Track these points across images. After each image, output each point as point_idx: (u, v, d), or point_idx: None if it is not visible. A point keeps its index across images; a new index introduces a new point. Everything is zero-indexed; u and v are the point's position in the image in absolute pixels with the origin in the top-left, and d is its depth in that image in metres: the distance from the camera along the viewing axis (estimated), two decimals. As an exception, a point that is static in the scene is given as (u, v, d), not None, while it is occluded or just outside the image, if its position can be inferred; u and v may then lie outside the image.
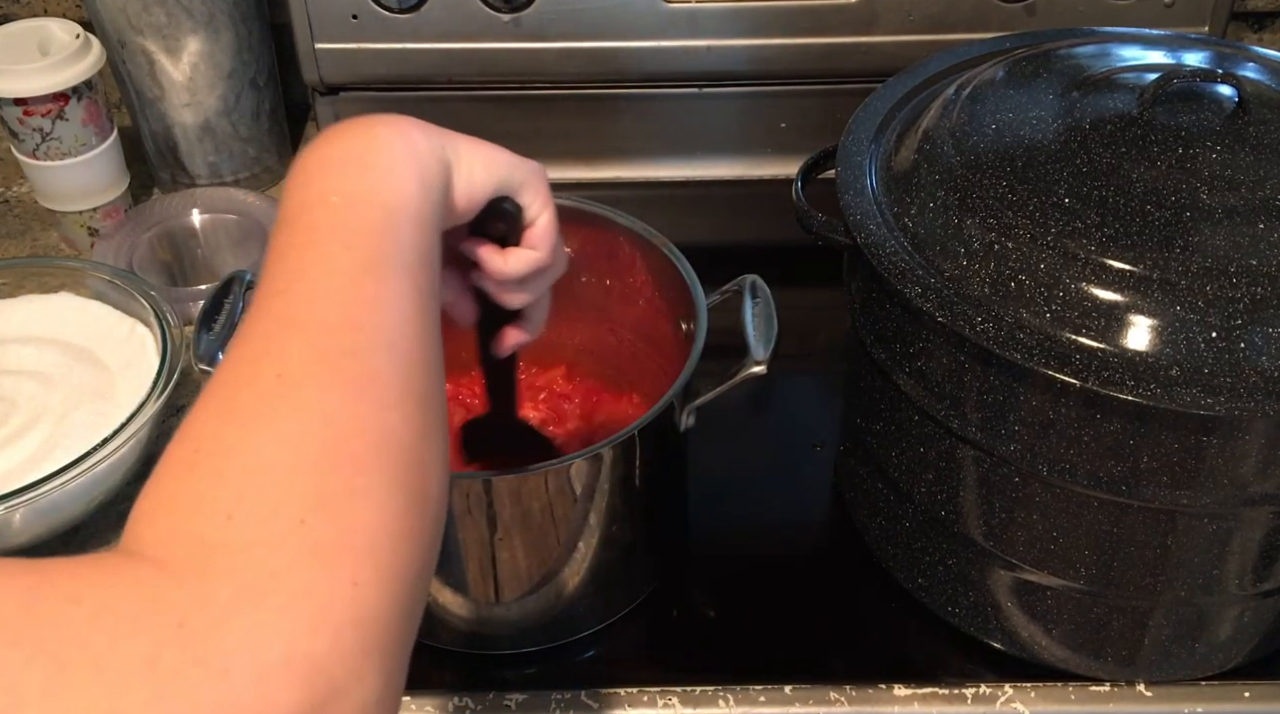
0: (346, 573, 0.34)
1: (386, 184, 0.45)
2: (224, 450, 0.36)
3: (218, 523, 0.34)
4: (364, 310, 0.41)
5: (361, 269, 0.42)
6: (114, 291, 0.86)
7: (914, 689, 0.69)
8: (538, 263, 0.56)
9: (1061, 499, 0.63)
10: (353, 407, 0.38)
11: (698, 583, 0.78)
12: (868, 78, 0.87)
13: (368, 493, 0.36)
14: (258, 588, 0.33)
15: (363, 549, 0.35)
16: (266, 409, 0.37)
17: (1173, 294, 0.58)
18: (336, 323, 0.40)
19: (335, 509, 0.35)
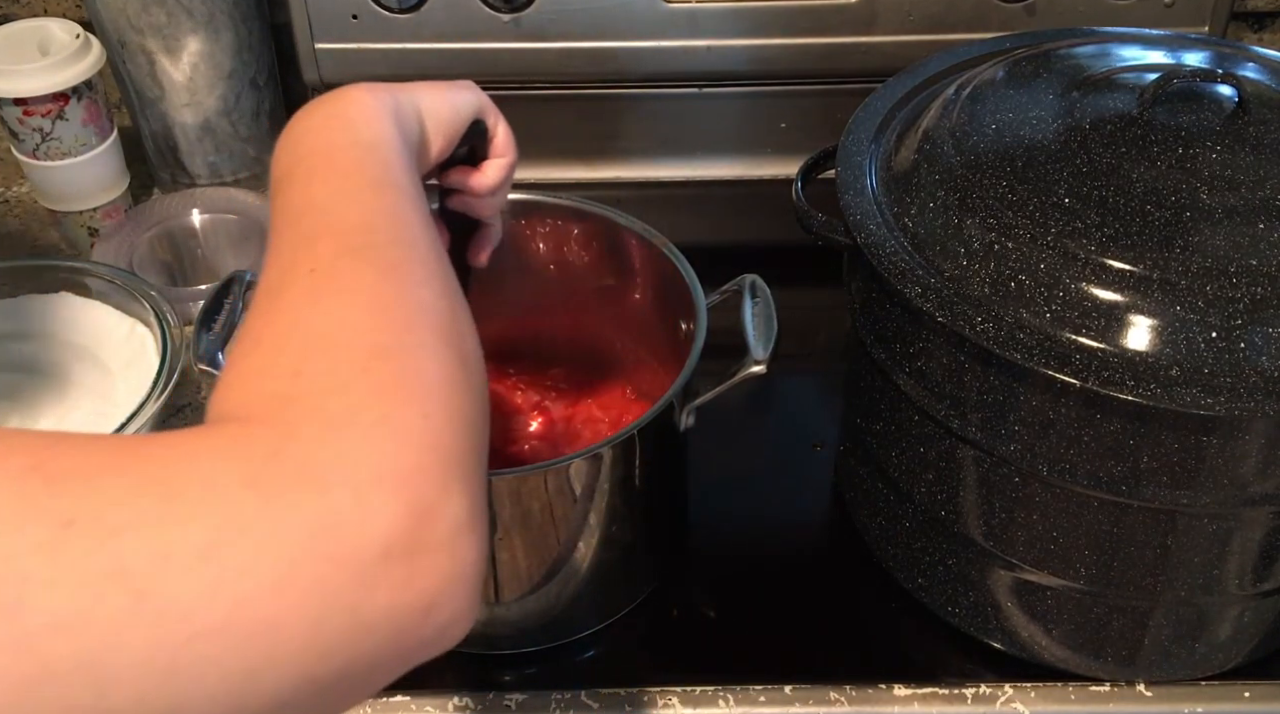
0: (416, 407, 0.36)
1: (367, 128, 0.50)
2: (279, 332, 0.39)
3: (286, 381, 0.37)
4: (374, 216, 0.45)
5: (363, 187, 0.46)
6: (114, 291, 0.87)
7: (914, 689, 0.69)
8: (509, 166, 0.63)
9: (1061, 499, 0.63)
10: (386, 284, 0.41)
11: (698, 583, 0.78)
12: (868, 78, 0.87)
13: (418, 347, 0.39)
14: (338, 421, 0.35)
15: (424, 390, 0.37)
16: (308, 296, 0.40)
17: (1173, 294, 0.58)
18: (353, 226, 0.44)
19: (392, 358, 0.38)
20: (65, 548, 0.30)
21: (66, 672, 0.29)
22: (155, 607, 0.30)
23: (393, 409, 0.36)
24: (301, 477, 0.33)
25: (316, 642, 0.33)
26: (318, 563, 0.32)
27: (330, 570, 0.32)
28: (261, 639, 0.32)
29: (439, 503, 0.35)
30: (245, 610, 0.31)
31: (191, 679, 0.31)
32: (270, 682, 0.32)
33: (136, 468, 0.32)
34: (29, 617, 0.29)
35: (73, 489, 0.31)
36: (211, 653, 0.31)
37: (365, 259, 0.42)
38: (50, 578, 0.29)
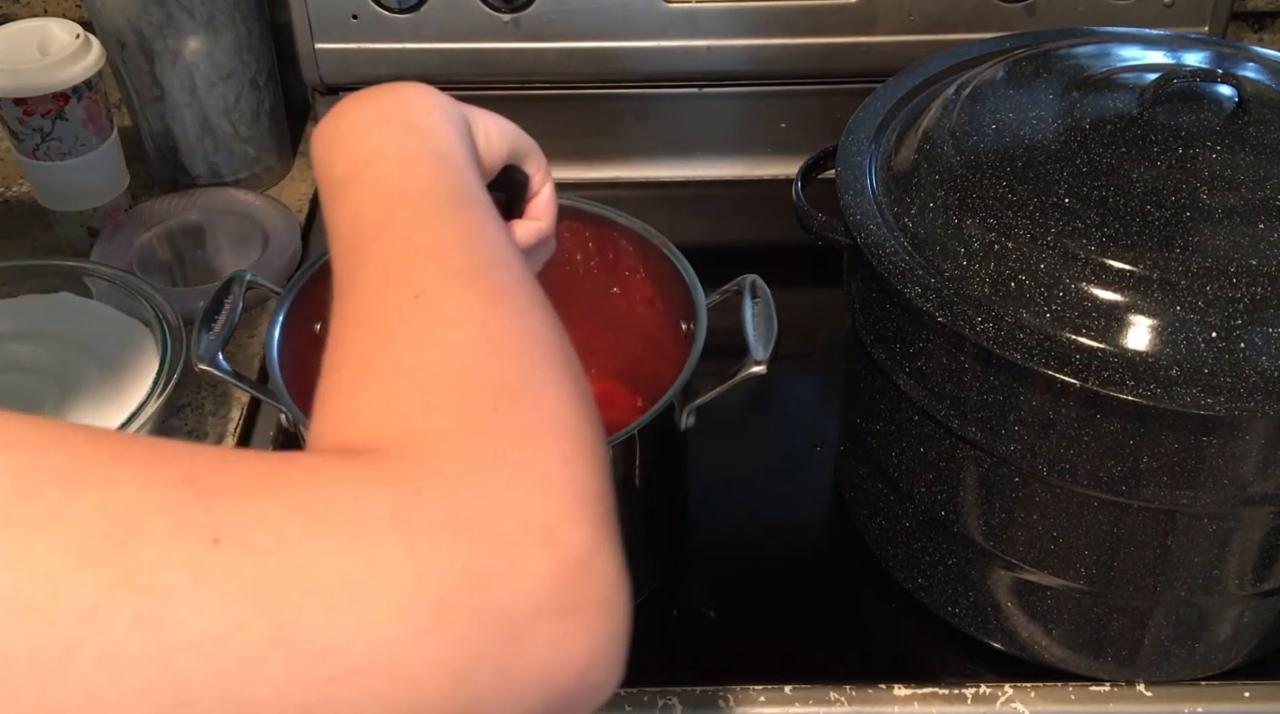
0: (554, 450, 0.34)
1: (433, 136, 0.47)
2: (390, 364, 0.37)
3: (416, 416, 0.34)
4: (464, 235, 0.42)
5: (443, 203, 0.43)
6: (114, 291, 0.86)
7: (914, 689, 0.69)
8: (542, 233, 0.57)
9: (1061, 499, 0.63)
10: (496, 312, 0.39)
11: (698, 583, 0.78)
12: (868, 78, 0.87)
13: (543, 384, 0.37)
14: (480, 464, 0.33)
15: (558, 430, 0.35)
16: (417, 324, 0.38)
17: (1173, 294, 0.58)
18: (447, 248, 0.41)
19: (521, 397, 0.36)
20: (211, 566, 0.29)
21: (199, 698, 0.28)
22: (295, 640, 0.29)
23: (532, 455, 0.34)
24: (449, 522, 0.31)
25: (457, 698, 0.31)
26: (465, 614, 0.30)
27: (478, 623, 0.31)
28: (401, 690, 0.30)
29: (591, 557, 0.33)
30: (386, 657, 0.30)
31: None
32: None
33: (285, 491, 0.31)
34: (169, 634, 0.28)
35: (223, 505, 0.30)
36: (348, 697, 0.29)
37: (470, 285, 0.39)
38: (194, 597, 0.28)
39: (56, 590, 0.27)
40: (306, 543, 0.30)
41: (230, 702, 0.28)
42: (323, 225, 1.12)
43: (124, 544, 0.28)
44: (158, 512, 0.29)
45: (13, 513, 0.27)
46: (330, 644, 0.29)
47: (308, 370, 0.72)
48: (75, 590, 0.27)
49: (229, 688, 0.28)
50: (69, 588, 0.27)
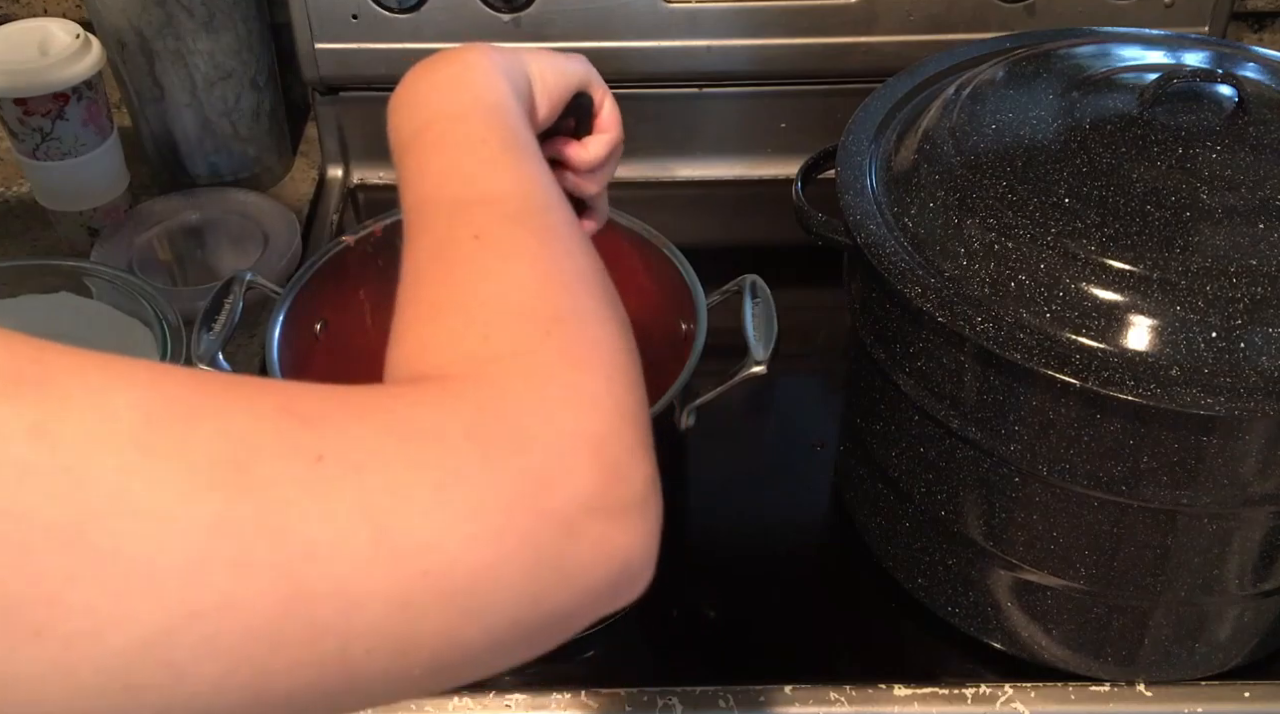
0: (600, 372, 0.39)
1: (488, 93, 0.51)
2: (458, 298, 0.41)
3: (477, 343, 0.39)
4: (520, 180, 0.47)
5: (499, 153, 0.48)
6: (114, 291, 0.86)
7: (914, 689, 0.69)
8: (614, 143, 0.62)
9: (1061, 499, 0.63)
10: (547, 250, 0.43)
11: (698, 583, 0.78)
12: (868, 78, 0.87)
13: (589, 312, 0.42)
14: (535, 381, 0.37)
15: (603, 355, 0.40)
16: (479, 261, 0.42)
17: (1173, 294, 0.58)
18: (504, 193, 0.46)
19: (569, 324, 0.40)
20: (318, 481, 0.32)
21: (317, 597, 0.31)
22: (393, 542, 0.32)
23: (580, 376, 0.38)
24: (513, 434, 0.35)
25: (529, 588, 0.35)
26: (530, 514, 0.35)
27: (541, 522, 0.35)
28: (483, 580, 0.34)
29: (630, 466, 0.37)
30: (470, 552, 0.33)
31: (422, 613, 0.33)
32: (486, 623, 0.34)
33: (372, 414, 0.34)
34: (289, 543, 0.31)
35: (321, 428, 0.33)
36: (440, 590, 0.33)
37: (524, 226, 0.44)
38: (306, 509, 0.31)
39: (191, 505, 0.30)
40: (396, 458, 0.33)
41: (342, 597, 0.32)
42: (322, 224, 1.12)
43: (242, 465, 0.31)
44: (268, 435, 0.32)
45: (145, 440, 0.30)
46: (423, 544, 0.33)
47: (308, 370, 0.72)
48: (206, 504, 0.30)
49: (341, 586, 0.32)
50: (200, 502, 0.30)
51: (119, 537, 0.29)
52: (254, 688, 0.31)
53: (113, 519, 0.29)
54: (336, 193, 1.08)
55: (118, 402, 0.31)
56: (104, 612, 0.29)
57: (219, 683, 0.31)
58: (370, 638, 0.32)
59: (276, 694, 0.32)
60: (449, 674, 0.36)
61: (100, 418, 0.30)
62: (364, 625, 0.32)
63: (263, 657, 0.31)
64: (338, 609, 0.32)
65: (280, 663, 0.31)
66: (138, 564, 0.29)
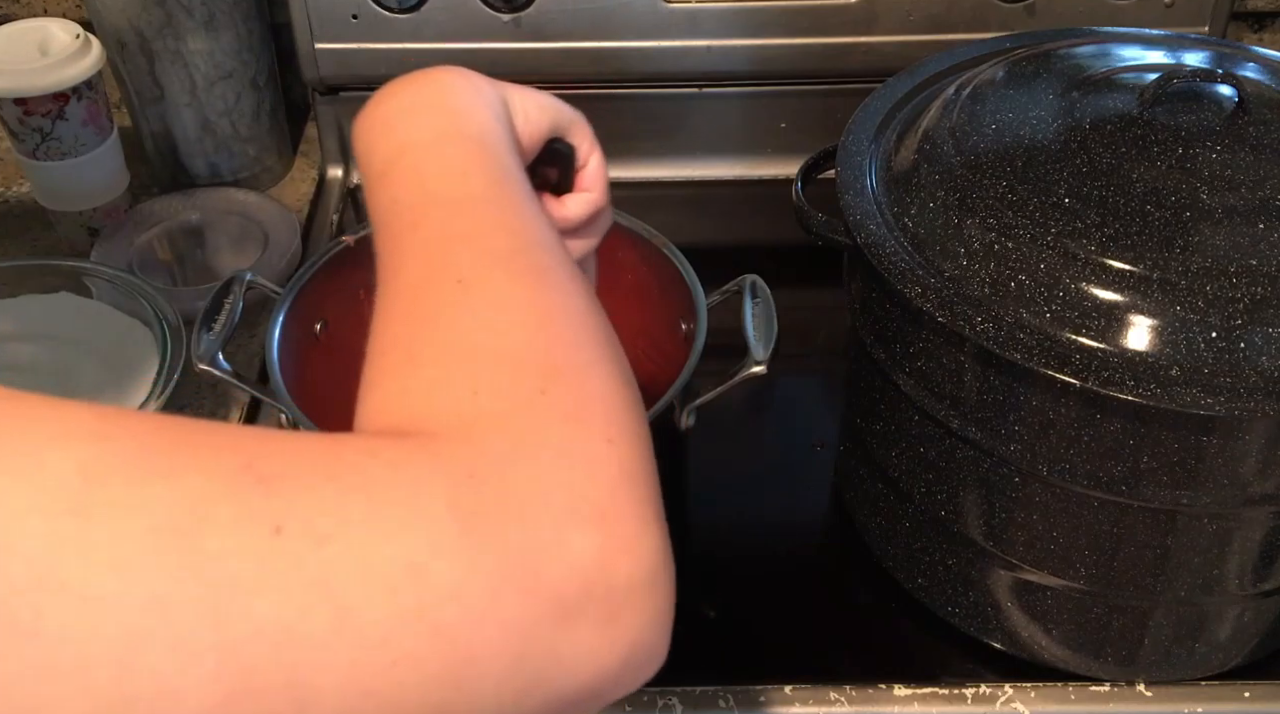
0: (599, 431, 0.35)
1: (468, 120, 0.46)
2: (437, 347, 0.37)
3: (464, 398, 0.35)
4: (503, 218, 0.42)
5: (480, 187, 0.43)
6: (114, 291, 0.86)
7: (914, 689, 0.69)
8: (595, 205, 0.56)
9: (1061, 499, 0.63)
10: (541, 295, 0.39)
11: (698, 583, 0.78)
12: (868, 78, 0.87)
13: (587, 364, 0.37)
14: (528, 444, 0.33)
15: (604, 412, 0.36)
16: (464, 307, 0.38)
17: (1173, 294, 0.58)
18: (488, 231, 0.41)
19: (568, 379, 0.36)
20: (275, 555, 0.29)
21: (267, 685, 0.28)
22: (358, 625, 0.29)
23: (578, 435, 0.34)
24: (501, 504, 0.32)
25: (515, 679, 0.31)
26: (520, 596, 0.31)
27: (532, 605, 0.31)
28: (460, 672, 0.30)
29: (636, 537, 0.33)
30: (445, 639, 0.30)
31: (388, 706, 0.30)
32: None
33: (341, 475, 0.31)
34: (236, 624, 0.28)
35: (284, 492, 0.30)
36: (410, 681, 0.30)
37: (513, 267, 0.40)
38: (260, 585, 0.28)
39: (126, 581, 0.27)
40: (365, 527, 0.30)
41: (296, 687, 0.29)
42: (322, 224, 1.12)
43: (190, 534, 0.28)
44: (221, 501, 0.29)
45: (81, 504, 0.28)
46: (391, 629, 0.29)
47: (308, 370, 0.72)
48: (145, 581, 0.27)
49: (295, 674, 0.28)
50: (138, 578, 0.27)
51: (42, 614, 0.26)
52: None
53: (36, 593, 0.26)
54: (336, 193, 1.08)
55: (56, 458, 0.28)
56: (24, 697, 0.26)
57: None
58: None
59: None
60: None
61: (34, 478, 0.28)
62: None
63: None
64: (291, 700, 0.28)
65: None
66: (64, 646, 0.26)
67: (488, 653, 0.31)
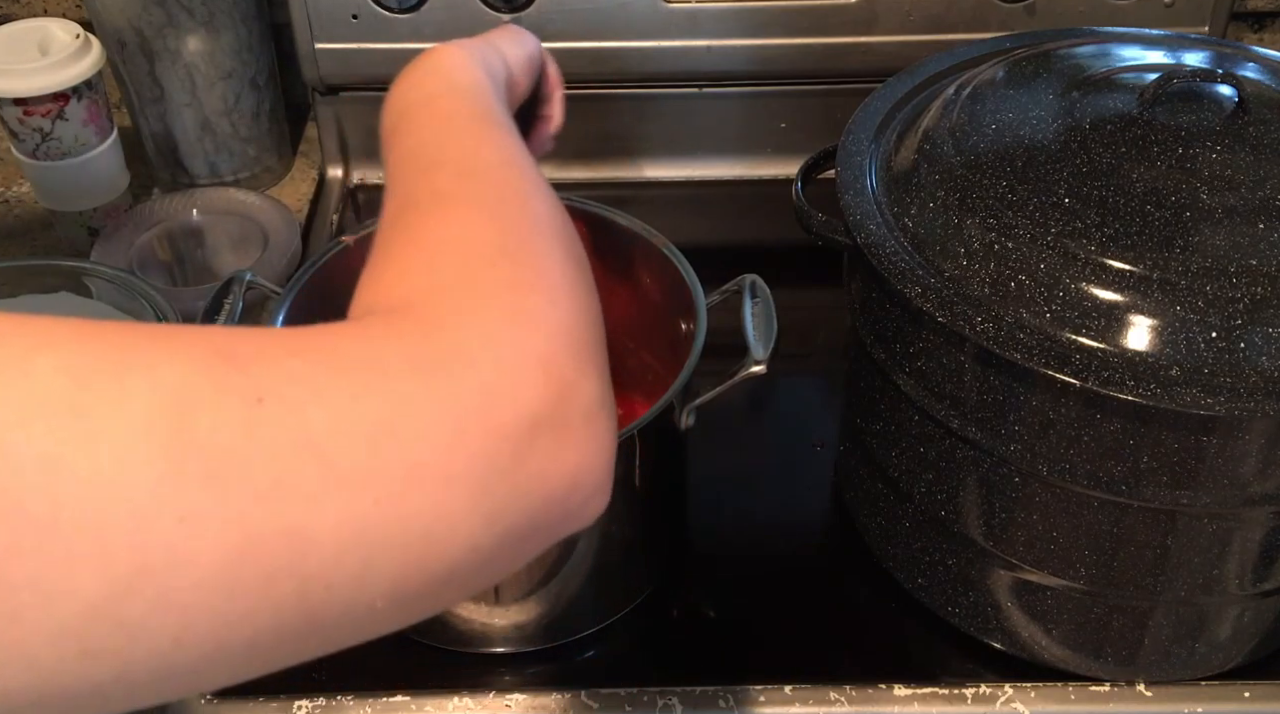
0: (543, 296, 0.39)
1: (460, 75, 0.55)
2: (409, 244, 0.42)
3: (423, 277, 0.40)
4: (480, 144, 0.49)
5: (467, 123, 0.51)
6: (114, 291, 0.86)
7: (914, 689, 0.69)
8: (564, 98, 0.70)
9: (1061, 499, 0.63)
10: (504, 201, 0.44)
11: (698, 583, 0.78)
12: (868, 78, 0.87)
13: (536, 250, 0.42)
14: (477, 308, 0.38)
15: (549, 282, 0.40)
16: (434, 213, 0.44)
17: (1173, 294, 0.58)
18: (464, 153, 0.48)
19: (514, 257, 0.41)
20: (261, 423, 0.32)
21: (269, 539, 0.31)
22: (342, 474, 0.32)
23: (522, 298, 0.39)
24: (455, 357, 0.36)
25: (482, 506, 0.35)
26: (479, 432, 0.35)
27: (490, 439, 0.35)
28: (434, 503, 0.34)
29: (577, 382, 0.38)
30: (421, 475, 0.34)
31: (380, 541, 0.33)
32: (444, 544, 0.34)
33: (309, 351, 0.34)
34: (235, 490, 0.31)
35: (256, 369, 0.33)
36: (394, 514, 0.33)
37: (482, 178, 0.45)
38: (250, 452, 0.31)
39: (132, 465, 0.30)
40: (337, 392, 0.33)
41: (295, 536, 0.32)
42: (322, 224, 1.12)
43: (180, 415, 0.31)
44: (201, 382, 0.32)
45: (75, 402, 0.30)
46: (372, 473, 0.33)
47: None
48: (148, 462, 0.30)
49: (293, 525, 0.32)
50: (142, 461, 0.30)
51: (59, 505, 0.29)
52: (213, 639, 0.31)
53: (50, 488, 0.29)
54: (336, 193, 1.08)
55: (42, 365, 0.30)
56: (49, 582, 0.29)
57: (177, 638, 0.30)
58: (327, 575, 0.32)
59: (237, 644, 0.32)
60: (410, 607, 0.36)
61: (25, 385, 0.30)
62: (319, 562, 0.32)
63: (219, 607, 0.31)
64: (292, 549, 0.32)
65: (238, 611, 0.31)
66: (81, 530, 0.29)
67: (456, 484, 0.34)
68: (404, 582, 0.34)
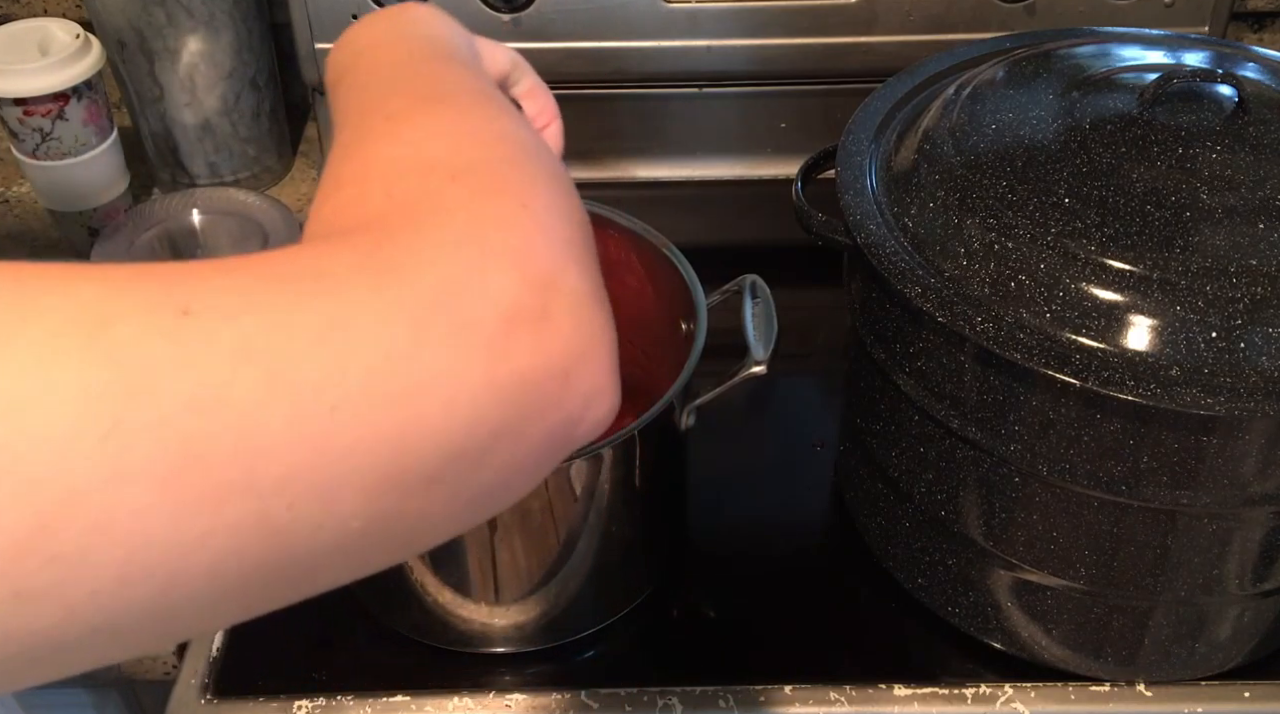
0: (513, 200, 0.36)
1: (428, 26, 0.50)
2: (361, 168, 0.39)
3: (380, 200, 0.36)
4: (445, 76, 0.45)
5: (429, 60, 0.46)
6: (114, 291, 0.86)
7: (914, 689, 0.69)
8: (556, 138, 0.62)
9: (1061, 499, 0.63)
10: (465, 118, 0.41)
11: (698, 583, 0.78)
12: (868, 78, 0.87)
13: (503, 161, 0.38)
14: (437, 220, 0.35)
15: (519, 187, 0.37)
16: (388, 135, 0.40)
17: (1173, 294, 0.58)
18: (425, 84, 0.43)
19: (480, 169, 0.37)
20: (188, 332, 0.29)
21: (212, 451, 0.28)
22: (289, 381, 0.29)
23: (489, 204, 0.35)
24: (411, 257, 0.33)
25: (457, 408, 0.32)
26: (443, 329, 0.32)
27: (457, 336, 0.32)
28: (402, 406, 0.31)
29: (557, 274, 0.35)
30: (380, 378, 0.31)
31: (341, 451, 0.30)
32: (419, 452, 0.31)
33: (243, 268, 0.31)
34: (164, 401, 0.28)
35: (185, 283, 0.30)
36: (355, 422, 0.30)
37: (440, 102, 0.42)
38: (178, 360, 0.28)
39: (47, 381, 0.27)
40: (275, 300, 0.31)
41: (242, 449, 0.29)
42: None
43: (97, 327, 0.28)
44: (124, 297, 0.29)
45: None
46: (323, 378, 0.30)
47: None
48: (64, 378, 0.27)
49: (238, 435, 0.29)
50: (58, 377, 0.27)
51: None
52: (165, 571, 0.28)
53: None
54: (336, 193, 1.07)
55: None
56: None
57: (121, 572, 0.28)
58: (287, 490, 0.29)
59: (197, 575, 0.29)
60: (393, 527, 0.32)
61: None
62: (276, 476, 0.29)
63: (163, 533, 0.28)
64: (241, 464, 0.29)
65: (189, 536, 0.28)
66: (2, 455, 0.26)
67: (424, 386, 0.31)
68: (379, 497, 0.31)
